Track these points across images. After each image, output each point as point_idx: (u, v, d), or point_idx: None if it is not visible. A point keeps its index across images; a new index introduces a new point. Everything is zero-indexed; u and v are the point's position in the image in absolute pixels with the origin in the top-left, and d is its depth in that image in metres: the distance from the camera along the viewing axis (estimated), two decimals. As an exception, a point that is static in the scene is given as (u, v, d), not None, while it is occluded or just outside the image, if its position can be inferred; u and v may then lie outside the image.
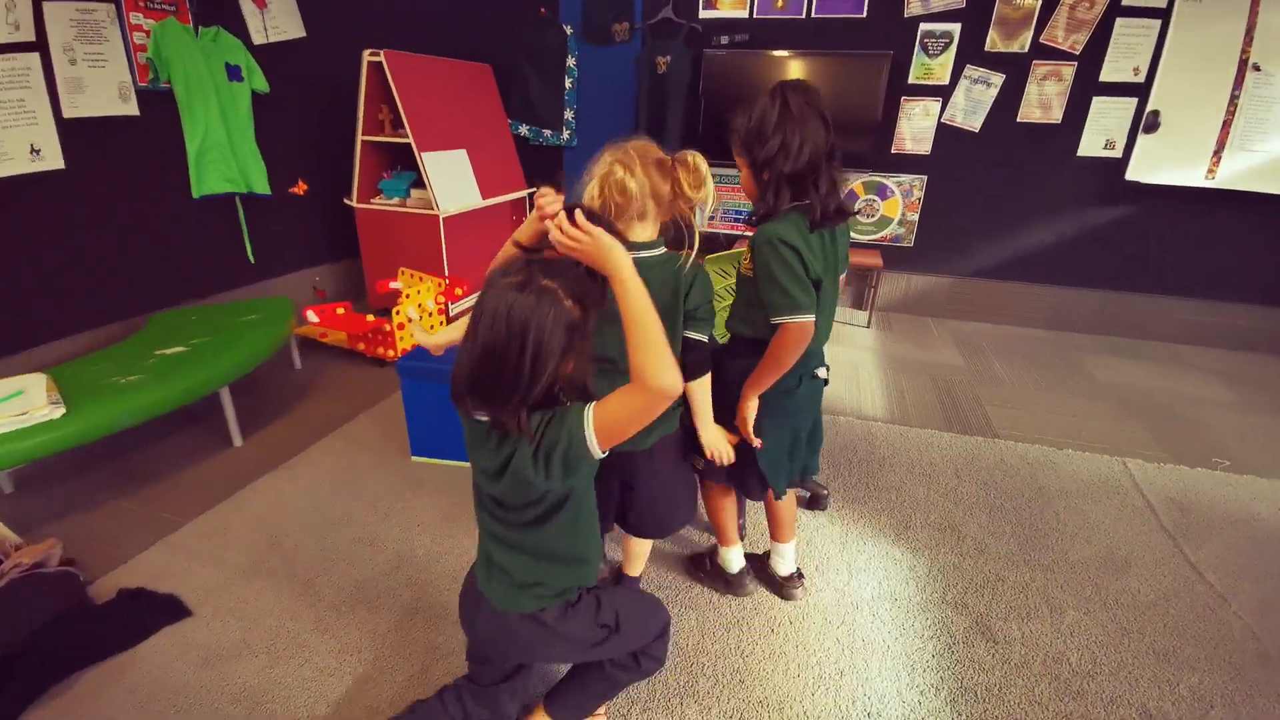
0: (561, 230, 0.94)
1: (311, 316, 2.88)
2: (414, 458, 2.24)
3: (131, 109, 2.72)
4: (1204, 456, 2.44)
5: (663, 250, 1.25)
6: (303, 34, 3.36)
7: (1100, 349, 3.53)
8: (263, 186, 3.20)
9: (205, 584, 1.69)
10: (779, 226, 1.29)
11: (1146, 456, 2.41)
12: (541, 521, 1.01)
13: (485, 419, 0.94)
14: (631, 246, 1.06)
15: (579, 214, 0.94)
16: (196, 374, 2.14)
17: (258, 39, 3.18)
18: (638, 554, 1.61)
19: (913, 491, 2.14)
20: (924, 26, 3.45)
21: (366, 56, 3.18)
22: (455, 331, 1.48)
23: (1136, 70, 3.29)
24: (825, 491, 2.01)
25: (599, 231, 0.92)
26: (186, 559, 1.78)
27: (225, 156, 3.03)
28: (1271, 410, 2.85)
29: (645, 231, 1.24)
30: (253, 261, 3.30)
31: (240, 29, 3.09)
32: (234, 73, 3.05)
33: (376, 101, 3.37)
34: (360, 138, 3.39)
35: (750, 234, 1.36)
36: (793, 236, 1.27)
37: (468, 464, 1.03)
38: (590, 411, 0.90)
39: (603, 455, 0.92)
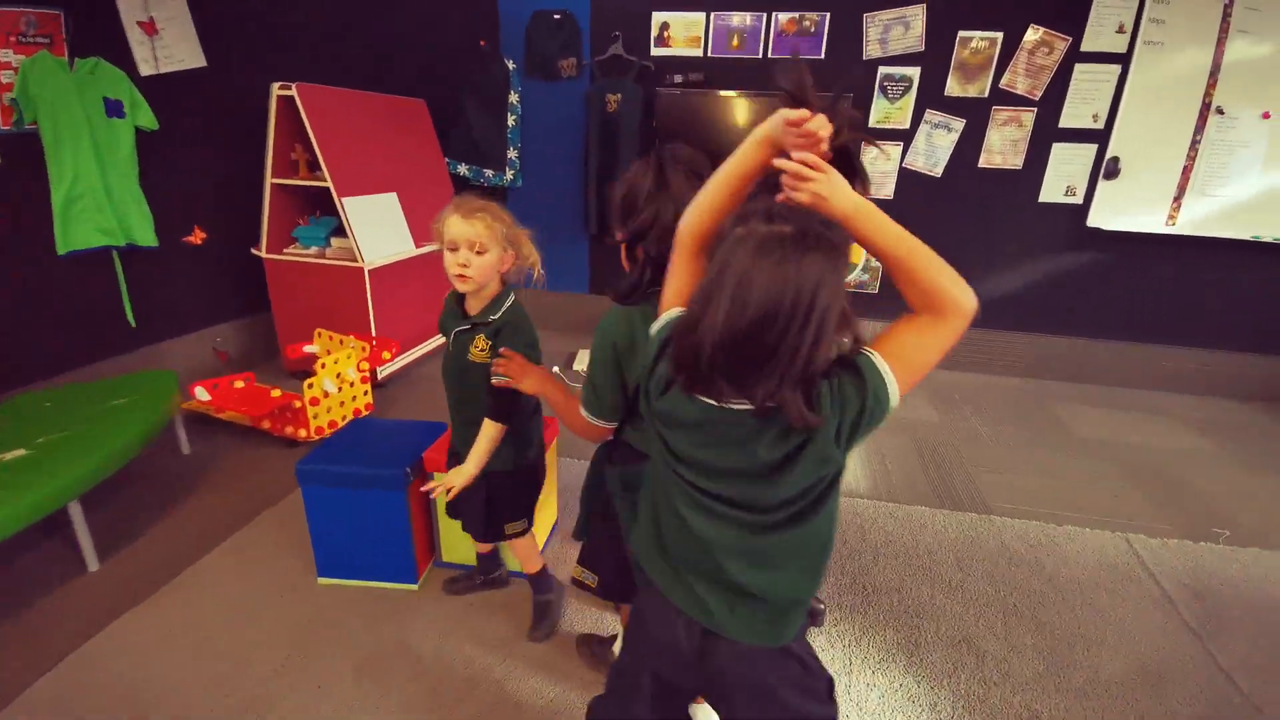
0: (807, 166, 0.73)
1: (201, 394, 2.43)
2: (320, 579, 1.82)
3: (-13, 155, 2.26)
4: (1203, 526, 2.28)
5: None
6: (202, 63, 2.95)
7: (1073, 398, 3.42)
8: (147, 237, 2.73)
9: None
10: (614, 316, 1.07)
11: (1148, 530, 2.23)
12: (812, 511, 0.80)
13: (745, 407, 0.74)
14: None
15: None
16: (36, 489, 1.67)
17: (146, 69, 2.75)
18: None
19: (916, 593, 1.86)
20: (883, 69, 3.33)
21: (276, 90, 2.80)
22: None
23: (1095, 116, 3.24)
24: (822, 606, 1.70)
25: (830, 169, 0.74)
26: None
27: (99, 204, 2.56)
28: (1251, 464, 2.76)
29: None
30: (133, 324, 2.80)
31: (125, 59, 2.66)
32: (114, 108, 2.61)
33: (288, 140, 2.98)
34: (269, 180, 2.97)
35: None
36: (620, 334, 1.04)
37: (386, 584, 0.87)
38: (880, 359, 0.76)
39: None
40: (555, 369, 3.50)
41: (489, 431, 1.43)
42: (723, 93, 3.44)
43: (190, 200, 3.02)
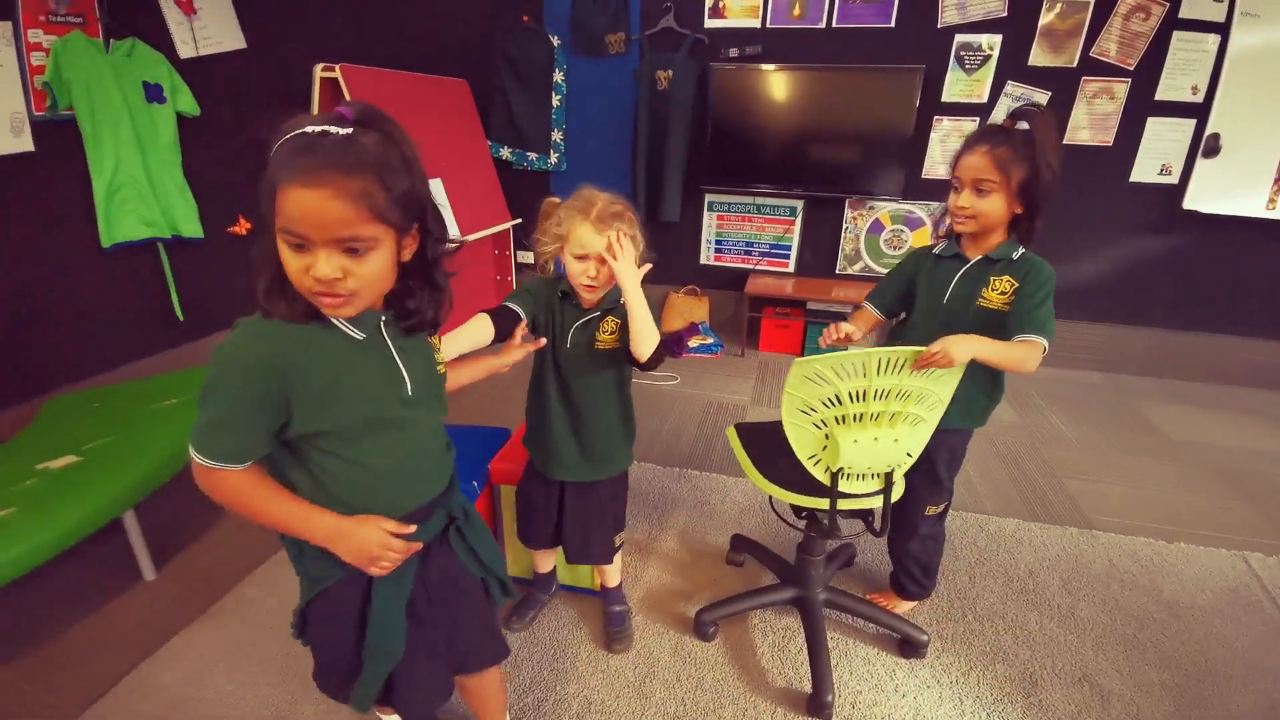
0: None
1: (252, 392, 2.34)
2: (383, 594, 1.73)
3: (25, 144, 2.18)
4: (1322, 542, 2.08)
5: None
6: (242, 45, 2.83)
7: (1159, 395, 3.18)
8: (192, 229, 2.65)
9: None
10: None
11: (1264, 548, 2.03)
12: None
13: None
14: None
15: None
16: (88, 500, 1.59)
17: (185, 52, 2.64)
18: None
19: (1023, 620, 1.70)
20: (960, 38, 3.07)
21: (319, 72, 2.67)
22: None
23: (1195, 89, 2.95)
24: (925, 637, 1.55)
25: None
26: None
27: (143, 194, 2.47)
28: (1370, 472, 2.52)
29: None
30: (181, 318, 2.73)
31: (163, 40, 2.55)
32: (153, 93, 2.50)
33: (332, 125, 2.85)
34: (313, 168, 2.85)
35: None
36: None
37: None
38: None
39: None
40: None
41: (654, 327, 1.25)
42: (783, 66, 3.22)
43: (234, 189, 2.92)
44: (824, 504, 1.32)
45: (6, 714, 1.38)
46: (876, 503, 1.36)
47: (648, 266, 1.26)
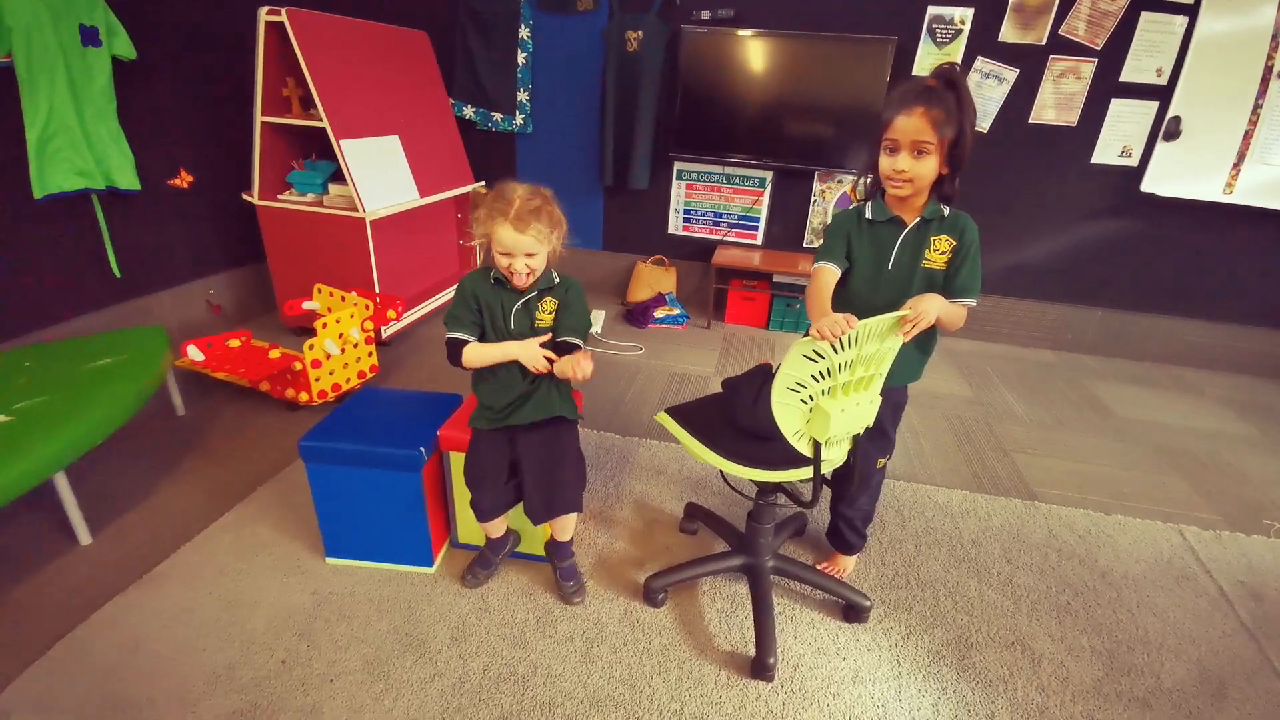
0: None
1: (194, 353, 2.26)
2: (329, 560, 1.70)
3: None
4: (1253, 517, 2.18)
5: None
6: (183, -16, 2.65)
7: (1110, 374, 3.28)
8: (129, 180, 2.50)
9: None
10: None
11: (1200, 522, 2.12)
12: None
13: None
14: None
15: None
16: (17, 462, 1.51)
17: (123, -10, 2.46)
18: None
19: (964, 587, 1.75)
20: (933, 10, 3.03)
21: (264, 15, 2.51)
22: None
23: (1159, 71, 2.98)
24: (867, 602, 1.59)
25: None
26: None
27: (75, 143, 2.32)
28: (1298, 450, 2.64)
29: None
30: (118, 275, 2.60)
31: (99, -23, 2.36)
32: (89, 36, 2.33)
33: (279, 74, 2.71)
34: (259, 119, 2.72)
35: None
36: None
37: (399, 567, 1.12)
38: None
39: None
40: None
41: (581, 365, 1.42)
42: (755, 32, 3.15)
43: (175, 140, 2.77)
44: (801, 474, 1.33)
45: (-72, 680, 1.33)
46: (828, 468, 1.37)
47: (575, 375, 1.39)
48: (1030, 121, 3.14)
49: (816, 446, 1.29)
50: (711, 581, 1.71)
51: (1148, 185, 3.11)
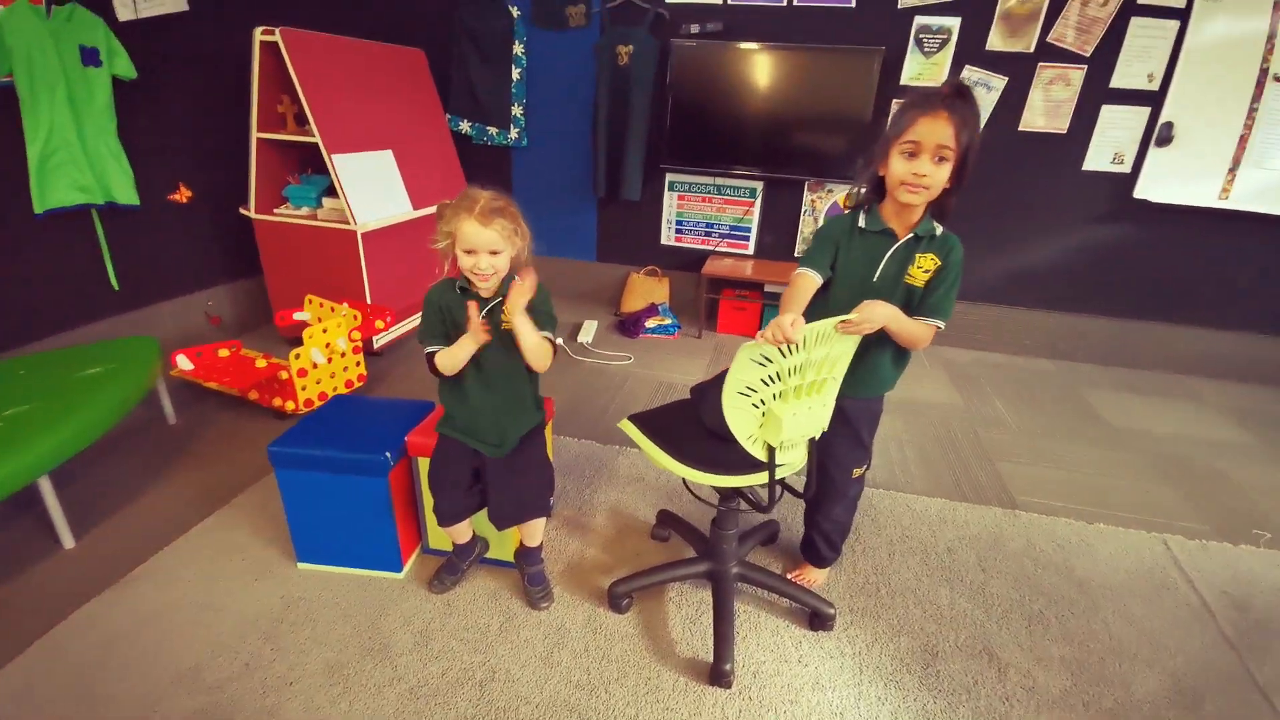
0: None
1: (184, 362, 2.32)
2: (300, 564, 1.73)
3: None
4: (1242, 526, 2.13)
5: None
6: (184, 7, 2.75)
7: (1107, 383, 3.23)
8: (128, 195, 2.59)
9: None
10: None
11: (1185, 531, 2.08)
12: None
13: None
14: None
15: None
16: (4, 464, 1.57)
17: (124, 14, 2.57)
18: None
19: (934, 595, 1.73)
20: (920, 20, 3.05)
21: (258, 36, 2.60)
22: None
23: (1150, 76, 2.96)
24: (832, 610, 1.58)
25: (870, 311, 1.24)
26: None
27: (75, 159, 2.41)
28: (1297, 459, 2.58)
29: None
30: (116, 288, 2.68)
31: (103, 5, 2.47)
32: (89, 56, 2.43)
33: (274, 91, 2.79)
34: (255, 135, 2.80)
35: None
36: None
37: (368, 572, 1.12)
38: None
39: None
40: (559, 340, 3.35)
41: (544, 350, 1.44)
42: (743, 44, 3.19)
43: (174, 156, 2.86)
44: (761, 479, 1.33)
45: (-90, 678, 1.37)
46: (792, 471, 1.38)
47: (527, 294, 1.36)
48: (1020, 129, 3.13)
49: (771, 451, 1.30)
50: (679, 588, 1.71)
51: (1141, 192, 3.08)
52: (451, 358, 1.42)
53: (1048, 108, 3.07)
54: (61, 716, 1.30)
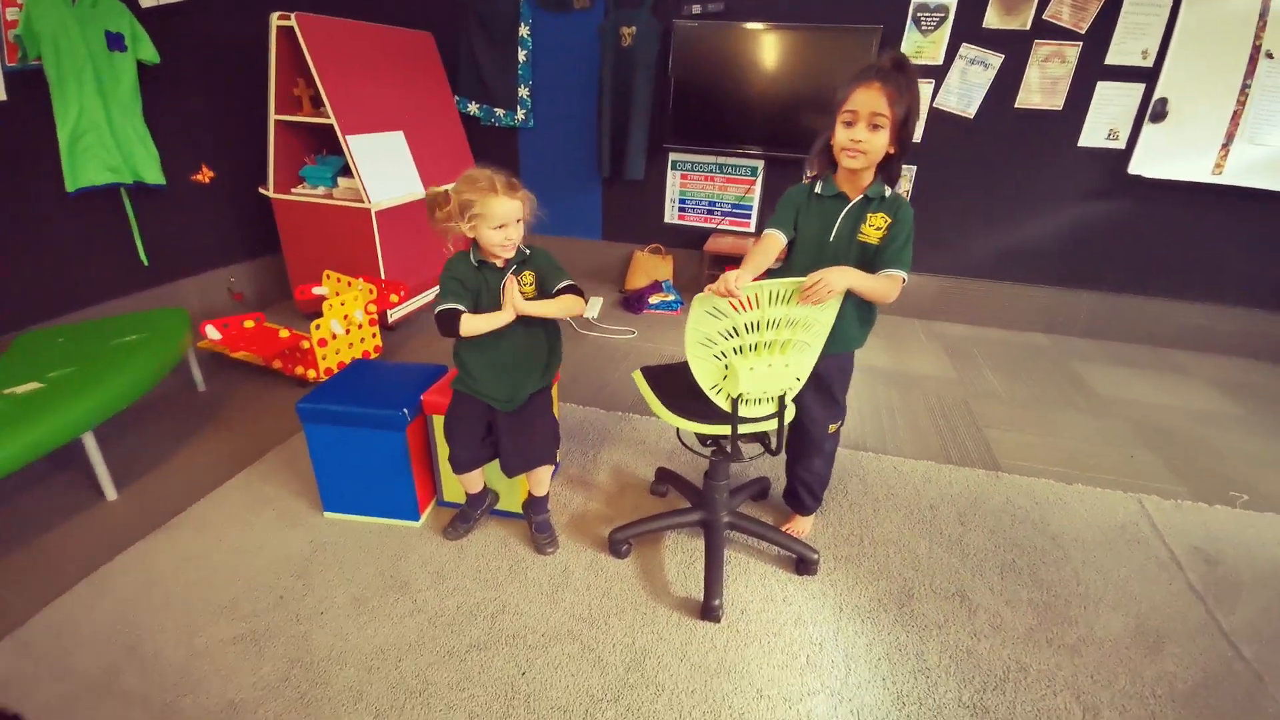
0: None
1: (212, 332, 2.46)
2: (326, 514, 1.87)
3: (-2, 94, 2.24)
4: (1220, 489, 2.22)
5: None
6: (202, -7, 2.86)
7: (1099, 356, 3.31)
8: (154, 175, 2.72)
9: (48, 702, 1.31)
10: None
11: (1162, 492, 2.17)
12: None
13: None
14: None
15: None
16: (49, 421, 1.71)
17: (147, 1, 2.67)
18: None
19: (914, 545, 1.85)
20: (917, -1, 3.10)
21: (275, 21, 2.71)
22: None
23: (1145, 53, 3.00)
24: (815, 555, 1.70)
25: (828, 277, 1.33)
26: (33, 664, 1.40)
27: (104, 141, 2.54)
28: (1276, 428, 2.65)
29: None
30: (146, 264, 2.82)
31: (126, -11, 2.58)
32: (115, 41, 2.55)
33: (290, 75, 2.90)
34: (273, 117, 2.91)
35: None
36: None
37: (389, 520, 1.16)
38: None
39: None
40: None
41: (570, 302, 1.59)
42: (745, 25, 3.25)
43: (196, 137, 2.98)
44: (726, 430, 1.45)
45: (-23, 612, 1.52)
46: (772, 425, 1.49)
47: (517, 286, 1.55)
48: (1016, 106, 3.19)
49: (734, 402, 1.41)
50: (675, 538, 1.84)
51: (1135, 167, 3.14)
52: (483, 322, 1.52)
53: (1044, 85, 3.12)
54: (111, 642, 1.45)
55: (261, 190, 3.11)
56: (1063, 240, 3.38)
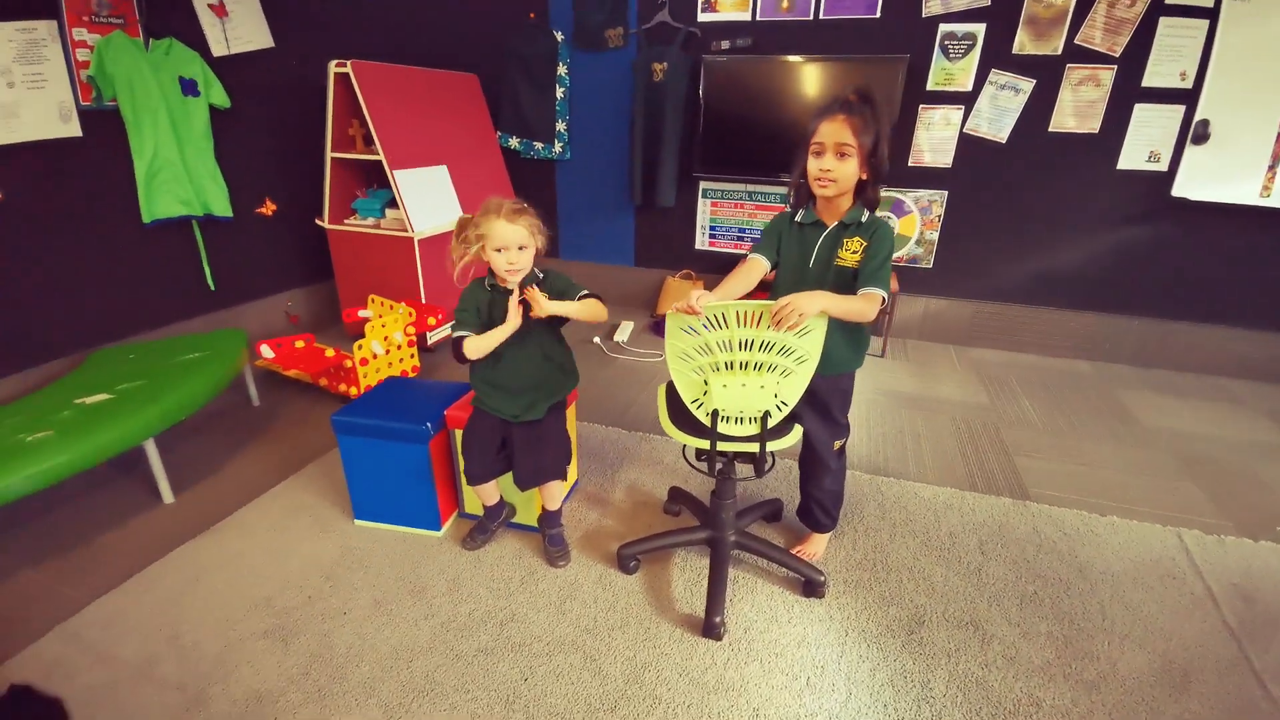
0: None
1: (266, 352, 2.66)
2: (356, 521, 1.99)
3: (73, 130, 2.52)
4: (1267, 525, 2.09)
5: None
6: (270, 44, 3.15)
7: (1143, 384, 3.17)
8: (223, 208, 2.98)
9: (89, 685, 1.44)
10: None
11: (1204, 526, 2.07)
12: None
13: None
14: None
15: None
16: (115, 428, 1.90)
17: (218, 50, 2.97)
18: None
19: (929, 573, 1.82)
20: (944, 27, 3.13)
21: (333, 68, 2.95)
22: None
23: (1183, 75, 2.93)
24: (822, 577, 1.70)
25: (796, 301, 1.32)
26: (80, 651, 1.54)
27: (179, 177, 2.81)
28: (1345, 463, 2.48)
29: None
30: (213, 288, 3.08)
31: (198, 40, 2.87)
32: (188, 87, 2.83)
33: (346, 116, 3.15)
34: (330, 154, 3.16)
35: None
36: None
37: (412, 529, 1.22)
38: None
39: None
40: (596, 339, 3.57)
41: (591, 304, 1.65)
42: (774, 58, 3.34)
43: (261, 173, 3.25)
44: (705, 444, 1.49)
45: (38, 604, 1.68)
46: (774, 448, 1.51)
47: (540, 293, 1.61)
48: (1050, 130, 3.15)
49: (714, 417, 1.44)
50: (683, 557, 1.87)
51: (1179, 190, 3.04)
52: (484, 342, 1.63)
53: (1078, 108, 3.08)
54: (154, 633, 1.58)
55: (318, 221, 3.35)
56: (1104, 264, 3.28)
